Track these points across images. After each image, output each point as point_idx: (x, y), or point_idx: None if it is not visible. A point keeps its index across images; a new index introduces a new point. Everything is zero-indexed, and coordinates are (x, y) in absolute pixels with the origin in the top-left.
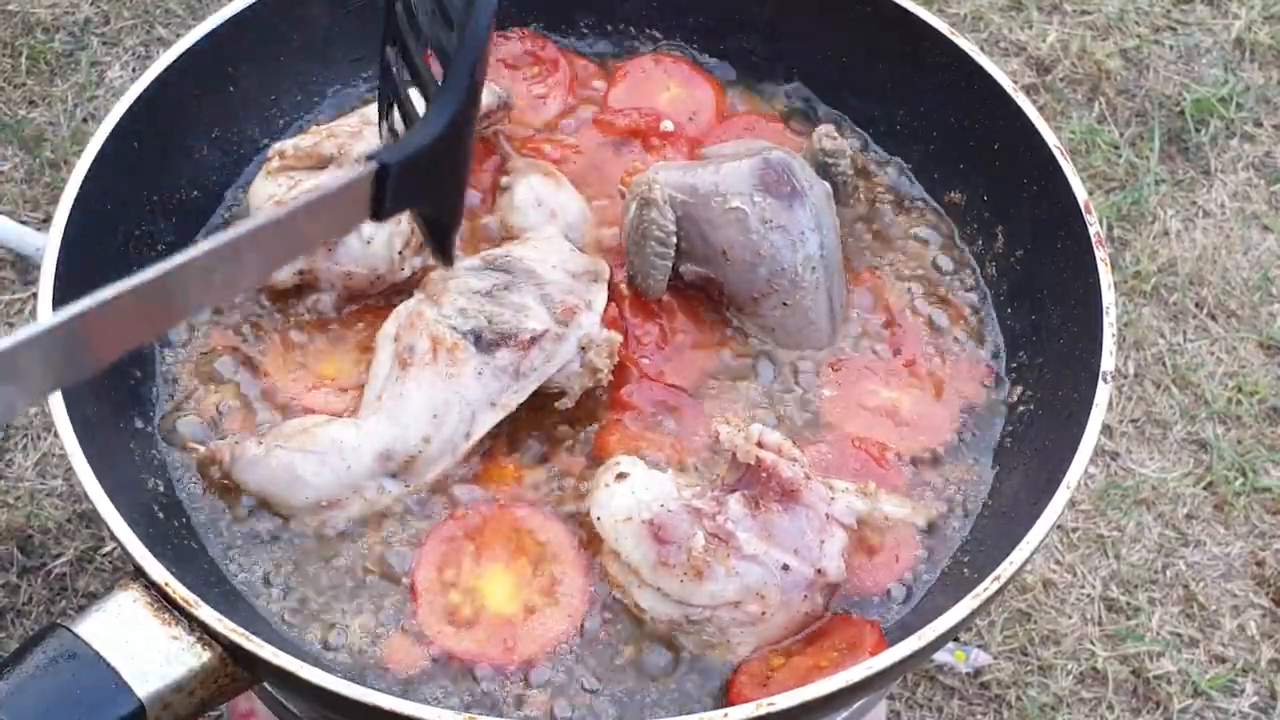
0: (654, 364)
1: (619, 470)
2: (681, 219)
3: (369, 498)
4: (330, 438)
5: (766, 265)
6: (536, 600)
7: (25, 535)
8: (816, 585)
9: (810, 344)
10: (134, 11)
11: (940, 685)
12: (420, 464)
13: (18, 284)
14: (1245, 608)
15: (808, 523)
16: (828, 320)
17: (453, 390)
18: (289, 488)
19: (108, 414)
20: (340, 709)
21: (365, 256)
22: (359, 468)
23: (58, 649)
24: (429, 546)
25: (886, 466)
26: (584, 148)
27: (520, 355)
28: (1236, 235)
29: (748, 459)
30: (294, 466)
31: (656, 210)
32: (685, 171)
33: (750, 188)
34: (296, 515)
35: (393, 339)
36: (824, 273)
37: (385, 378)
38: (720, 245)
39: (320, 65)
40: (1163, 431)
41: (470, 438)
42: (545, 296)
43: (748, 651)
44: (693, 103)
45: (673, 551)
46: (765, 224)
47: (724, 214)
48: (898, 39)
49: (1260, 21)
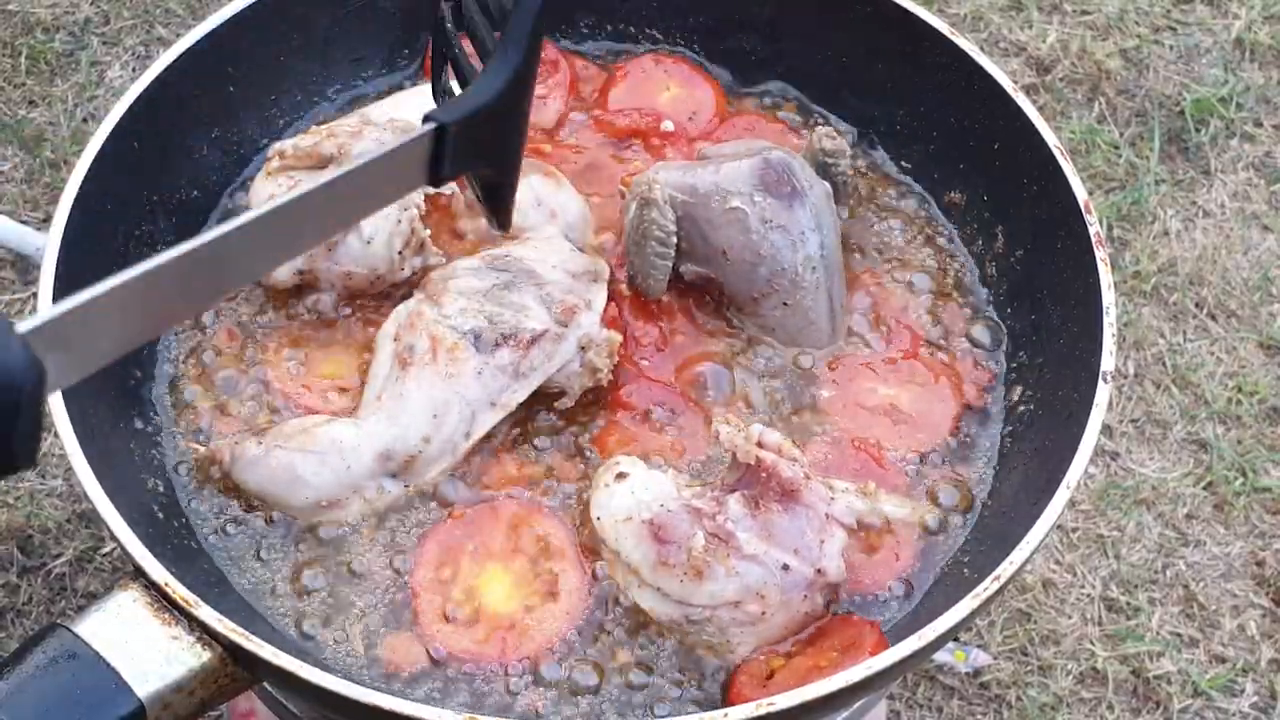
0: (654, 364)
1: (619, 470)
2: (682, 219)
3: (369, 498)
4: (330, 438)
5: (767, 265)
6: (535, 599)
7: (25, 535)
8: (816, 585)
9: (810, 343)
10: (134, 11)
11: (940, 685)
12: (420, 464)
13: (18, 284)
14: (1245, 608)
15: (808, 523)
16: (828, 320)
17: (453, 390)
18: (289, 488)
19: (108, 414)
20: (340, 709)
21: (365, 256)
22: (359, 468)
23: (58, 649)
24: (427, 545)
25: (886, 466)
26: (584, 148)
27: (520, 355)
28: (1236, 235)
29: (748, 459)
30: (294, 466)
31: (657, 210)
32: (685, 171)
33: (750, 188)
34: (296, 515)
35: (392, 339)
36: (824, 272)
37: (385, 378)
38: (720, 245)
39: (320, 65)
40: (1163, 431)
41: (470, 437)
42: (545, 296)
43: (748, 651)
44: (693, 103)
45: (673, 551)
46: (765, 224)
47: (724, 214)
48: (898, 39)
49: (1260, 21)
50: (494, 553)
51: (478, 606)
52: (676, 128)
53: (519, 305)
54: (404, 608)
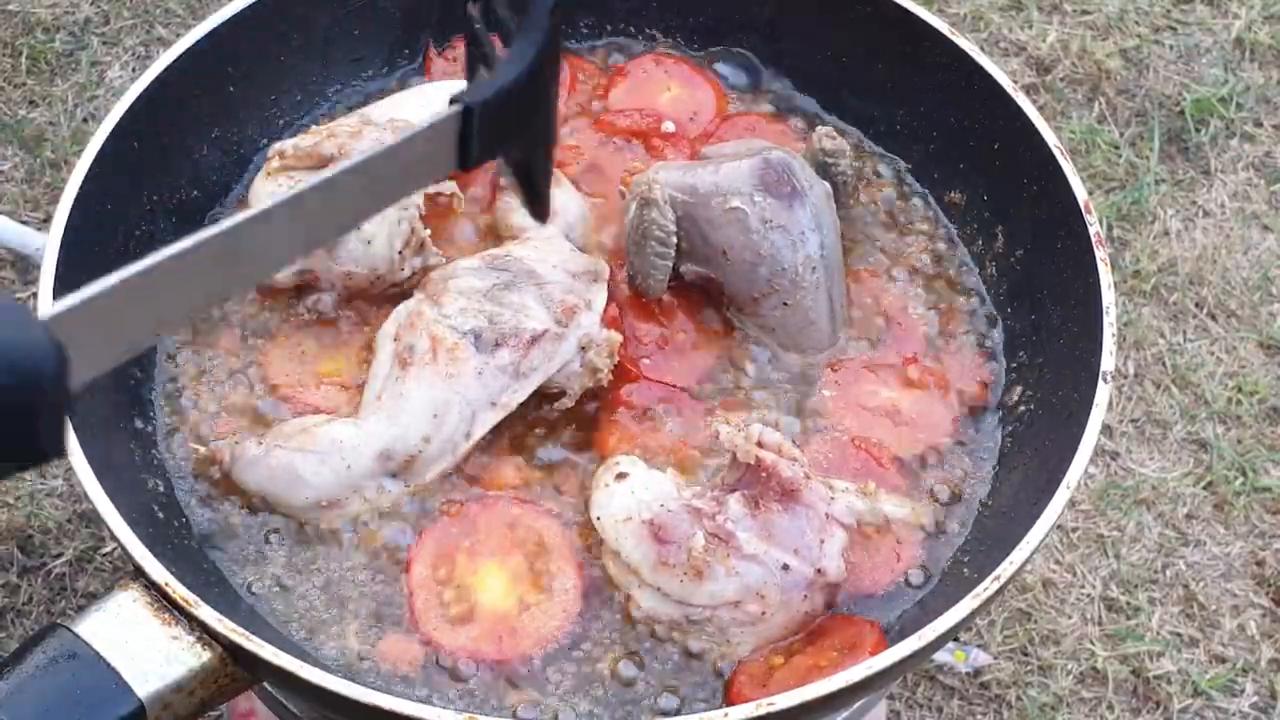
0: (654, 364)
1: (619, 470)
2: (681, 219)
3: (369, 497)
4: (330, 437)
5: (767, 265)
6: (531, 597)
7: (25, 535)
8: (816, 585)
9: (811, 344)
10: (134, 11)
11: (940, 685)
12: (420, 463)
13: (18, 284)
14: (1245, 607)
15: (808, 522)
16: (828, 320)
17: (453, 390)
18: (289, 487)
19: (108, 414)
20: (340, 709)
21: (365, 256)
22: (359, 467)
23: (58, 649)
24: (423, 543)
25: (887, 467)
26: (584, 148)
27: (520, 355)
28: (1236, 235)
29: (748, 459)
30: (294, 466)
31: (657, 210)
32: (685, 171)
33: (750, 188)
34: (296, 515)
35: (392, 339)
36: (824, 273)
37: (385, 377)
38: (720, 245)
39: (320, 65)
40: (1163, 431)
41: (470, 437)
42: (545, 296)
43: (747, 651)
44: (693, 103)
45: (673, 551)
46: (765, 224)
47: (724, 214)
48: (898, 39)
49: (1260, 21)
50: (490, 550)
51: (473, 603)
52: (677, 128)
53: (519, 305)
54: (401, 606)
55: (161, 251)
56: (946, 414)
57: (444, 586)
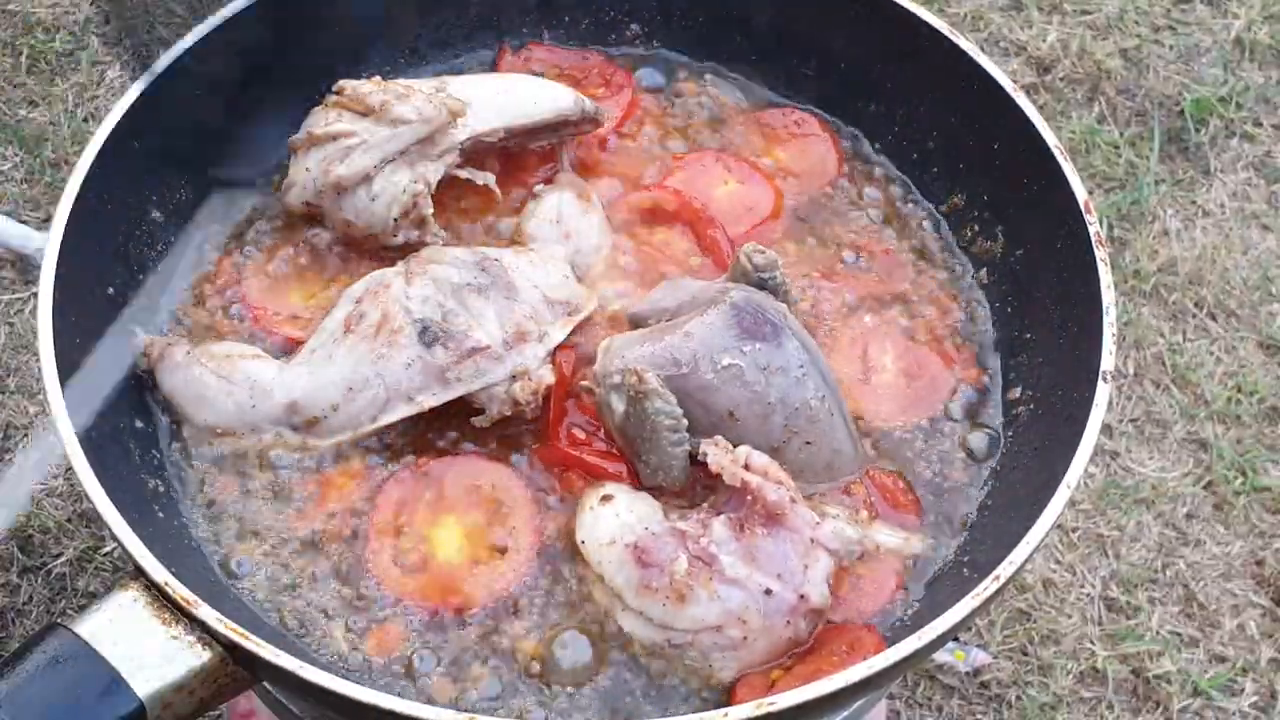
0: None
1: (604, 493)
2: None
3: (265, 440)
4: (247, 373)
5: (779, 412)
6: (483, 553)
7: (25, 535)
8: (799, 610)
9: (844, 471)
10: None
11: (940, 685)
12: (322, 428)
13: (18, 284)
14: (1245, 607)
15: (792, 547)
16: (850, 442)
17: (375, 371)
18: (193, 404)
19: (108, 415)
20: (340, 708)
21: (365, 211)
22: (264, 410)
23: (58, 649)
24: (386, 491)
25: (900, 499)
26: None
27: (453, 360)
28: (1236, 235)
29: (734, 481)
30: (205, 386)
31: (659, 399)
32: (650, 345)
33: (734, 340)
34: (192, 430)
35: (355, 300)
36: (831, 396)
37: (329, 333)
38: (724, 408)
39: (320, 65)
40: (1163, 431)
41: (376, 422)
42: (507, 312)
43: (730, 676)
44: (749, 199)
45: (655, 575)
46: (764, 370)
47: (719, 374)
48: (898, 39)
49: (1260, 21)
50: (450, 504)
51: (426, 555)
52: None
53: (478, 312)
54: (388, 605)
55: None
56: (945, 414)
57: (400, 534)
